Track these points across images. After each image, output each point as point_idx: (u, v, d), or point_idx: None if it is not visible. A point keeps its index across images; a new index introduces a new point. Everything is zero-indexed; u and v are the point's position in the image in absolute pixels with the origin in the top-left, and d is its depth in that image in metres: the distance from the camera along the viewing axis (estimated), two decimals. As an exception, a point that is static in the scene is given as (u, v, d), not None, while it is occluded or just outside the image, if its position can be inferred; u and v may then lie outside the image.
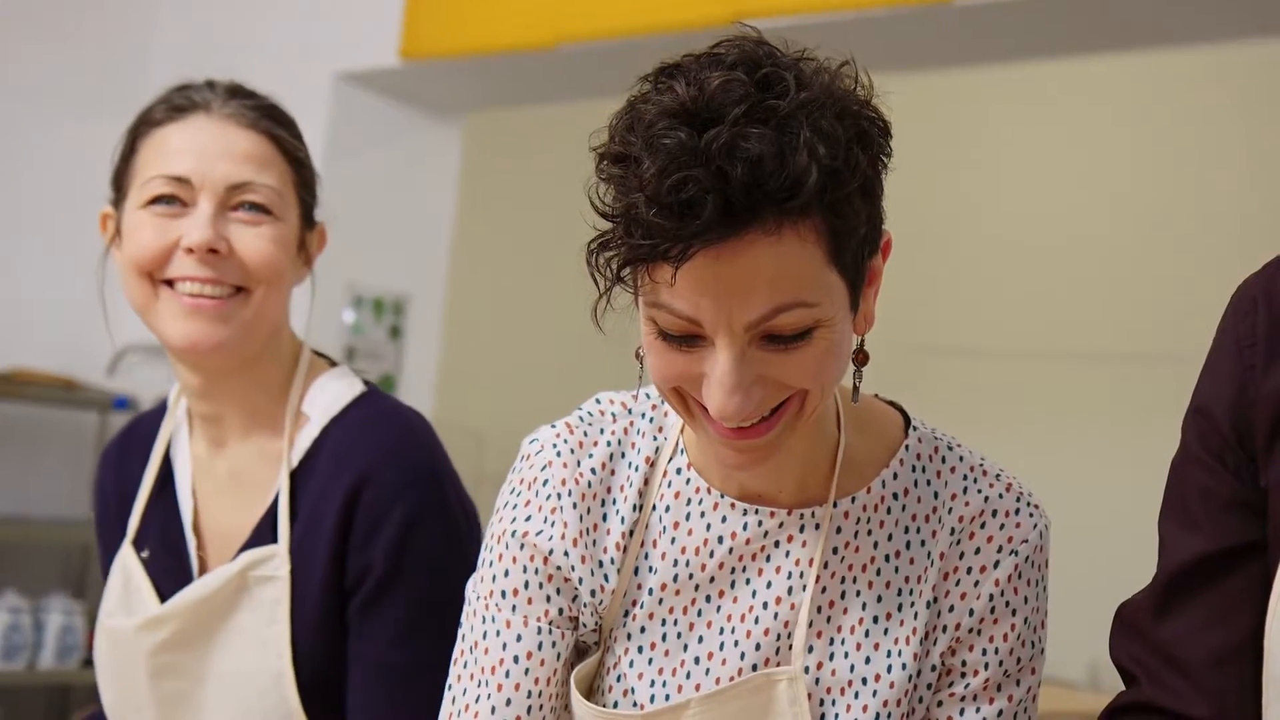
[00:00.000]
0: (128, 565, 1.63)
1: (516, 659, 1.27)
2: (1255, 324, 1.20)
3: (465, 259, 5.14)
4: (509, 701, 1.26)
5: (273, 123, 1.60)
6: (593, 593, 1.28)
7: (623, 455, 1.31)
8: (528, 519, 1.29)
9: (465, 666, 1.29)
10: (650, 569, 1.29)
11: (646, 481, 1.30)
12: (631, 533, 1.29)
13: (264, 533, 1.58)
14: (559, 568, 1.28)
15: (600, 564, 1.29)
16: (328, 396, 1.61)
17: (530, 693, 1.27)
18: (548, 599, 1.28)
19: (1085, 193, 5.85)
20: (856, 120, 1.12)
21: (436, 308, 4.75)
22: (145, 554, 1.63)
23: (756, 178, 1.06)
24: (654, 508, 1.30)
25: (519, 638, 1.28)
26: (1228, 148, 5.50)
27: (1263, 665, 1.16)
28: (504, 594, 1.29)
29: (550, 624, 1.28)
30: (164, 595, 1.60)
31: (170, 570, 1.62)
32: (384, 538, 1.52)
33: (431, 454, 1.58)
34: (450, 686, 1.30)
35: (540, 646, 1.28)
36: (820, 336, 1.13)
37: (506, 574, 1.29)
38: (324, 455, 1.57)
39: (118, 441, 1.76)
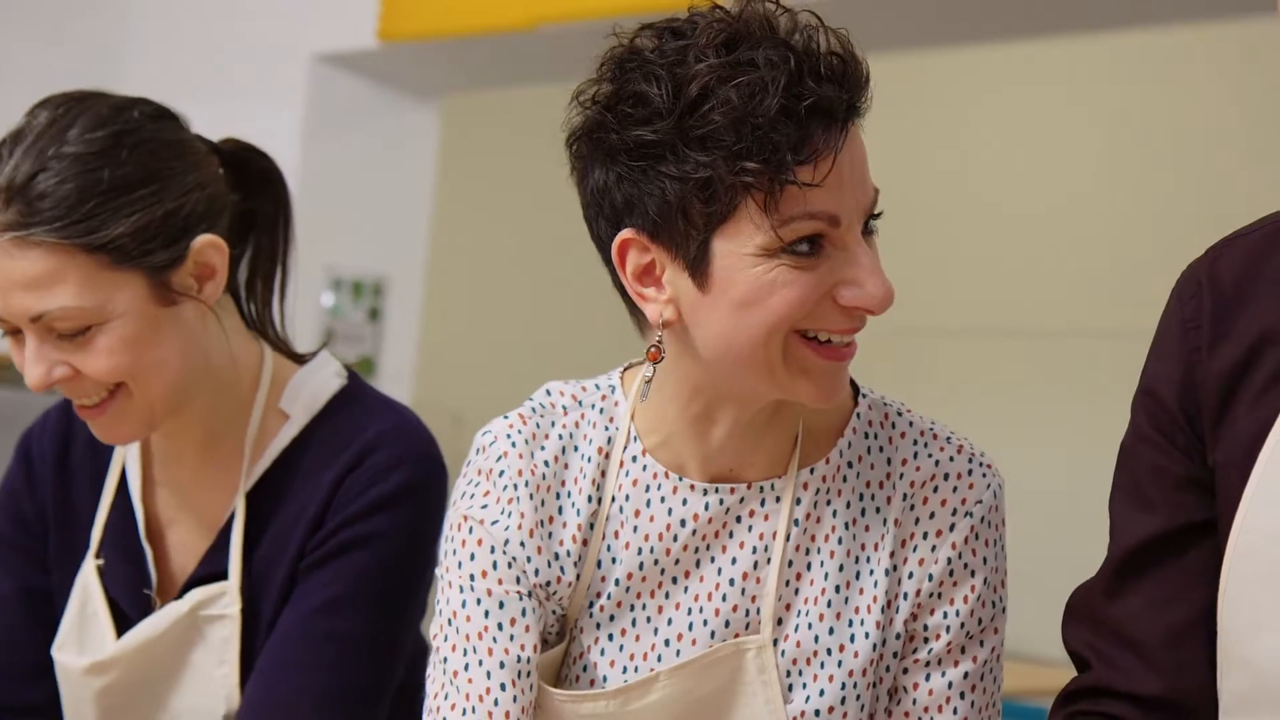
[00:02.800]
0: (88, 585, 1.56)
1: (501, 626, 1.27)
2: (1200, 306, 1.22)
3: (444, 241, 5.12)
4: (502, 665, 1.26)
5: (53, 215, 1.37)
6: (547, 584, 1.28)
7: (575, 449, 1.31)
8: (484, 507, 1.29)
9: (447, 639, 1.28)
10: (614, 560, 1.29)
11: (603, 473, 1.29)
12: (592, 525, 1.29)
13: (222, 554, 1.51)
14: (514, 559, 1.28)
15: (556, 556, 1.29)
16: (308, 392, 1.54)
17: (519, 658, 1.26)
18: (517, 580, 1.28)
19: (1062, 172, 5.86)
20: None
21: (416, 289, 4.74)
22: (101, 561, 1.57)
23: (853, 60, 1.16)
24: (614, 499, 1.29)
25: (501, 605, 1.27)
26: (1205, 128, 5.51)
27: (1215, 642, 1.17)
28: (473, 576, 1.28)
29: (525, 594, 1.28)
30: (121, 611, 1.55)
31: (127, 579, 1.56)
32: (359, 505, 1.47)
33: (433, 442, 1.54)
34: (445, 660, 1.28)
35: (524, 612, 1.27)
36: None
37: (473, 557, 1.29)
38: (310, 454, 1.52)
39: (54, 449, 1.62)
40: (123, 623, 1.55)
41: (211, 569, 1.52)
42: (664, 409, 1.28)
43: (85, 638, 1.56)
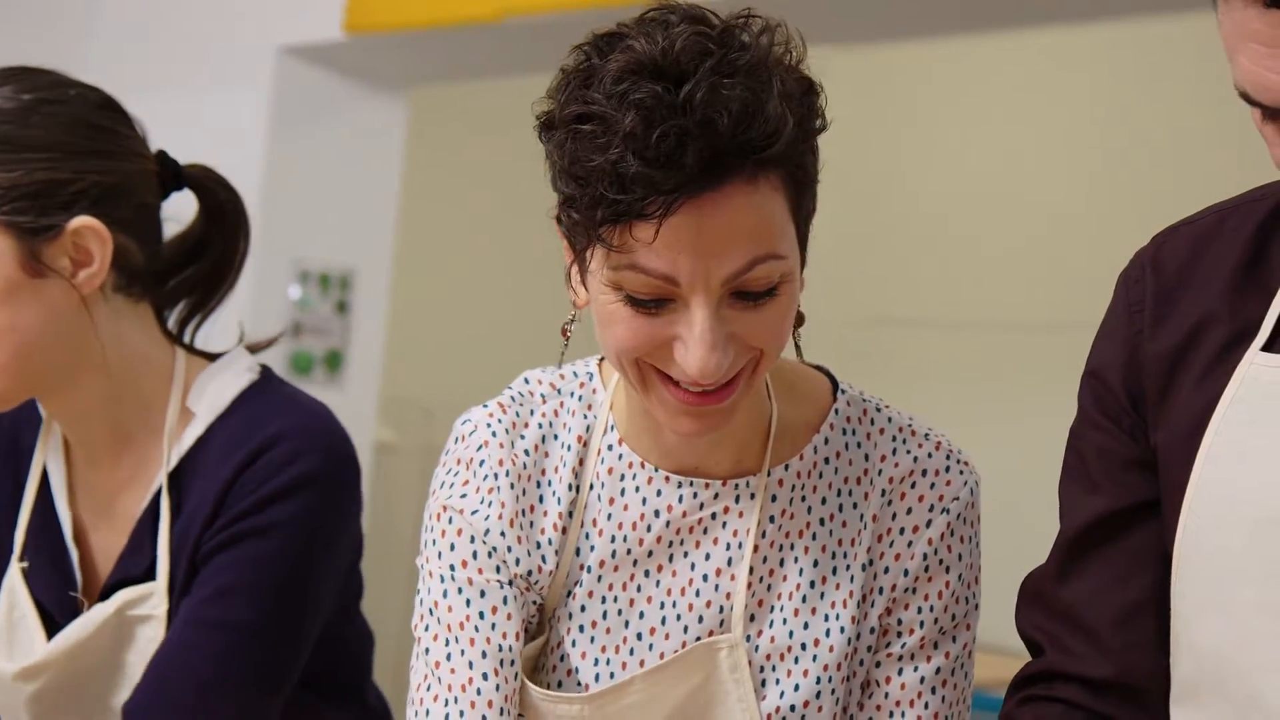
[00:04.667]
0: (14, 589, 1.54)
1: (482, 615, 1.27)
2: (1144, 290, 1.24)
3: (412, 233, 5.11)
4: (484, 654, 1.25)
5: None
6: (529, 573, 1.28)
7: (555, 437, 1.31)
8: (463, 496, 1.29)
9: (429, 630, 1.28)
10: (591, 547, 1.29)
11: (581, 461, 1.30)
12: (571, 514, 1.29)
13: (136, 556, 1.50)
14: (495, 549, 1.27)
15: (538, 545, 1.29)
16: (213, 390, 1.52)
17: (501, 646, 1.26)
18: (497, 569, 1.28)
19: (1035, 164, 5.88)
20: (801, 76, 1.15)
21: (383, 282, 4.73)
22: (25, 565, 1.55)
23: (740, 127, 1.08)
24: (591, 486, 1.29)
25: (482, 594, 1.27)
26: (1199, 123, 5.53)
27: (1166, 624, 1.19)
28: (453, 566, 1.28)
29: (506, 583, 1.28)
30: (48, 615, 1.53)
31: (52, 583, 1.54)
32: (252, 499, 1.45)
33: (344, 438, 1.52)
34: (427, 651, 1.28)
35: (505, 601, 1.27)
36: (783, 293, 1.15)
37: (453, 547, 1.28)
38: (211, 450, 1.49)
39: None
40: (50, 626, 1.53)
41: (125, 572, 1.51)
42: (632, 399, 1.29)
43: (14, 642, 1.54)
